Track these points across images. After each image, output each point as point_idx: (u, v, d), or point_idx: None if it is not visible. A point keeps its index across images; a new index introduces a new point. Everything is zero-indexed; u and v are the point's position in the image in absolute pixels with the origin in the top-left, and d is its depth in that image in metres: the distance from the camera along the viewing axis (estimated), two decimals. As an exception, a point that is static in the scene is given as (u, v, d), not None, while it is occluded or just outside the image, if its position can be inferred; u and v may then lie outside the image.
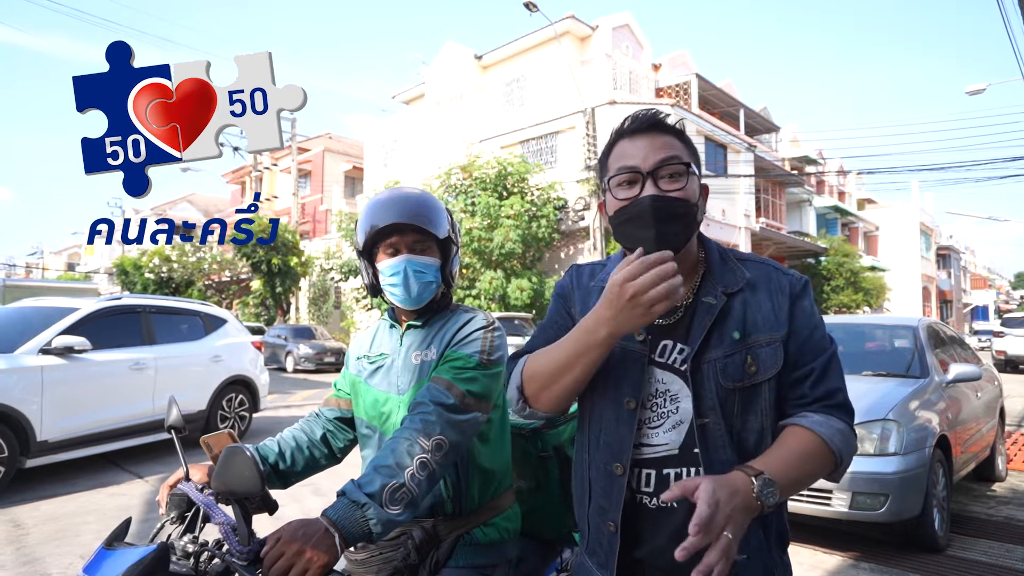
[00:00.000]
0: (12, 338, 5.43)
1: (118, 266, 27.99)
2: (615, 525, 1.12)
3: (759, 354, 1.09)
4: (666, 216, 1.08)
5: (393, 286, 1.47)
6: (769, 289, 1.14)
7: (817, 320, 1.14)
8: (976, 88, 16.01)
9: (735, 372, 1.09)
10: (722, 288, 1.13)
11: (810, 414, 1.08)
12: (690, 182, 1.11)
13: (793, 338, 1.11)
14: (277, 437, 1.57)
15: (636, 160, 1.11)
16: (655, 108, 1.18)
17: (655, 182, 1.10)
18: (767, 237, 22.73)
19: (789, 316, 1.12)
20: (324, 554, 1.04)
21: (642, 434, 1.13)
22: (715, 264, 1.17)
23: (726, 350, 1.09)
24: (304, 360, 17.46)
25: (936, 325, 5.46)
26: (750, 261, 1.19)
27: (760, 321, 1.11)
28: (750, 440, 1.09)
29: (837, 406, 1.10)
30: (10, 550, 3.88)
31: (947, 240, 46.15)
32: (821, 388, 1.10)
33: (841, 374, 1.13)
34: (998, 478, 5.57)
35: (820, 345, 1.12)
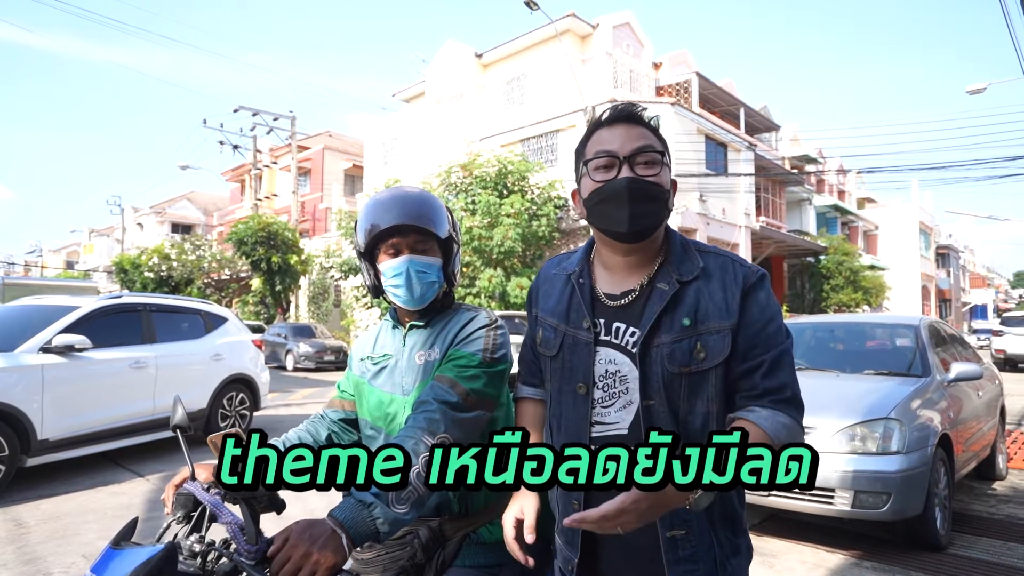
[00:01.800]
0: (13, 337, 5.42)
1: (117, 264, 27.98)
2: (579, 503, 1.20)
3: (708, 341, 1.13)
4: (641, 197, 1.13)
5: (396, 287, 1.46)
6: (723, 279, 1.17)
7: (772, 313, 1.16)
8: (976, 87, 16.00)
9: (682, 357, 1.13)
10: (677, 276, 1.18)
11: (758, 408, 1.11)
12: (663, 171, 1.17)
13: (744, 329, 1.14)
14: (282, 437, 1.56)
15: (614, 146, 1.17)
16: (632, 102, 1.24)
17: (631, 167, 1.15)
18: (767, 236, 22.71)
19: (741, 307, 1.14)
20: (332, 555, 1.03)
21: (596, 413, 1.19)
22: (675, 253, 1.21)
23: (675, 336, 1.13)
24: (304, 358, 17.46)
25: (937, 324, 5.46)
26: (710, 252, 1.22)
27: (711, 310, 1.14)
28: (696, 423, 1.14)
29: (786, 400, 1.12)
30: (11, 549, 3.88)
31: (946, 239, 46.17)
32: (771, 381, 1.12)
33: (792, 369, 1.16)
34: (999, 477, 5.58)
35: (774, 339, 1.15)
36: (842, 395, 4.18)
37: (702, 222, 19.03)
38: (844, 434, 3.76)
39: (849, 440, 3.75)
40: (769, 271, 25.96)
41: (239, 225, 21.88)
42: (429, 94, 25.23)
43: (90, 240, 50.71)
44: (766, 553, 3.86)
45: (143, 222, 43.32)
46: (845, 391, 4.28)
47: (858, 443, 3.74)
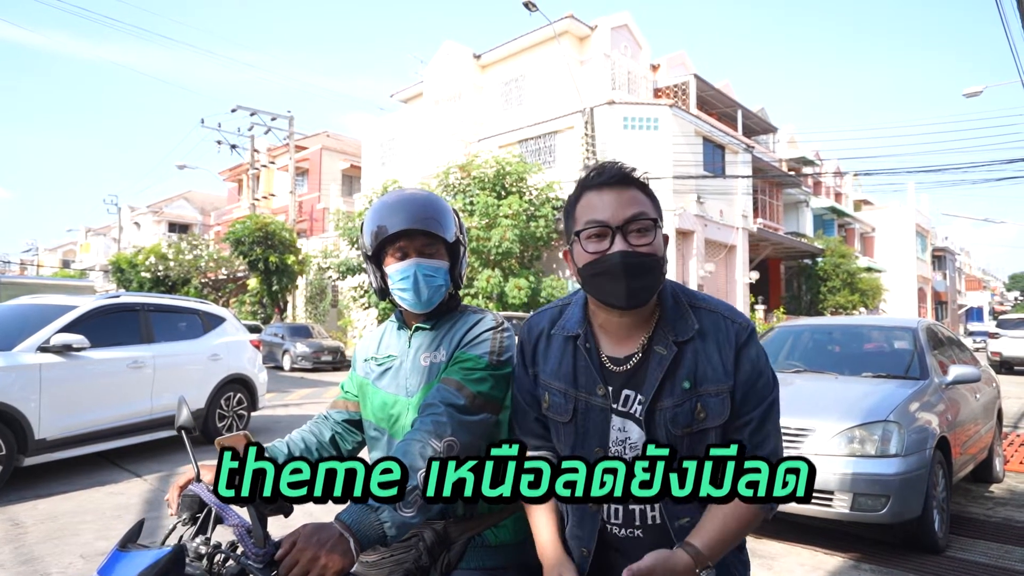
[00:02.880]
0: (10, 336, 5.40)
1: (114, 263, 27.91)
2: (588, 552, 1.25)
3: (708, 403, 1.17)
4: (636, 271, 1.14)
5: (403, 290, 1.46)
6: (718, 339, 1.20)
7: (762, 367, 1.20)
8: (973, 90, 16.07)
9: (684, 419, 1.17)
10: (673, 337, 1.20)
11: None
12: (657, 237, 1.17)
13: (738, 387, 1.18)
14: (286, 439, 1.56)
15: (605, 215, 1.16)
16: (620, 163, 1.21)
17: (624, 237, 1.15)
18: (764, 238, 22.76)
19: (735, 366, 1.18)
20: (340, 558, 1.03)
21: None
22: (668, 311, 1.23)
23: (676, 399, 1.17)
24: (301, 359, 17.43)
25: (935, 326, 5.47)
26: (701, 309, 1.24)
27: (709, 372, 1.18)
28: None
29: (766, 457, 1.17)
30: (9, 549, 3.86)
31: (943, 241, 46.34)
32: (757, 437, 1.17)
33: (777, 422, 1.20)
34: (996, 479, 5.60)
35: (761, 394, 1.19)
36: (840, 398, 4.19)
37: (699, 224, 19.05)
38: (843, 437, 3.77)
39: (848, 443, 3.76)
40: (766, 273, 25.94)
41: (236, 225, 21.84)
42: (427, 95, 25.23)
43: (87, 239, 50.58)
44: (765, 556, 3.87)
45: (140, 221, 43.22)
46: (843, 394, 4.29)
47: (857, 446, 3.75)
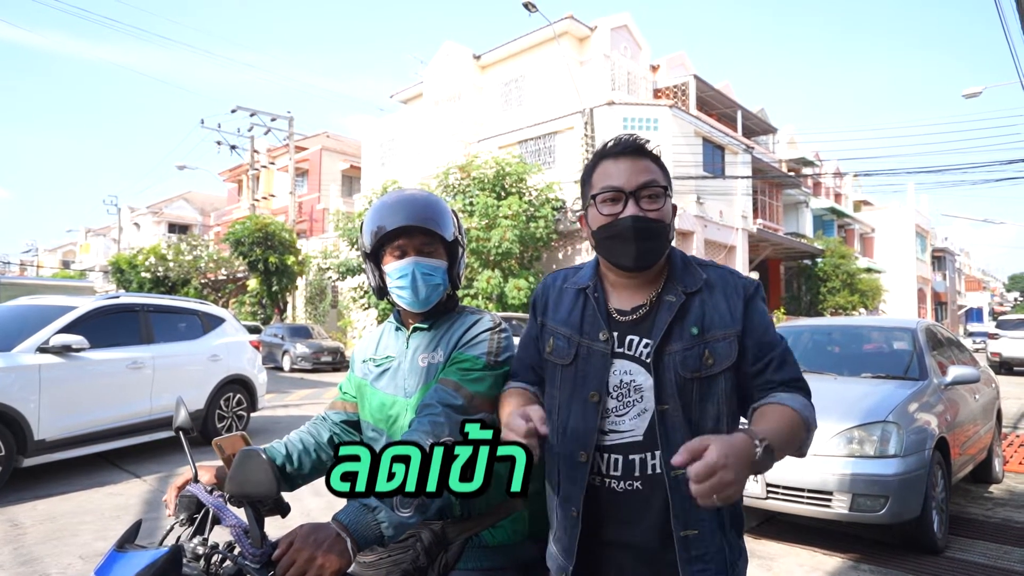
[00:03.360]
0: (10, 336, 5.40)
1: (113, 264, 27.91)
2: (577, 511, 1.24)
3: (716, 348, 1.22)
4: (645, 235, 1.22)
5: (401, 289, 1.46)
6: (725, 290, 1.26)
7: (768, 319, 1.28)
8: (972, 91, 16.08)
9: (693, 363, 1.21)
10: (682, 288, 1.26)
11: (779, 393, 1.21)
12: (666, 204, 1.25)
13: (750, 334, 1.24)
14: (284, 439, 1.56)
15: (620, 180, 1.24)
16: (635, 135, 1.30)
17: (636, 202, 1.22)
18: (764, 238, 22.77)
19: (744, 315, 1.24)
20: (337, 558, 1.03)
21: (609, 422, 1.24)
22: (677, 268, 1.30)
23: (685, 344, 1.22)
24: (301, 359, 17.43)
25: (934, 327, 5.48)
26: (709, 266, 1.32)
27: (717, 319, 1.23)
28: (707, 426, 1.21)
29: (797, 385, 1.24)
30: (8, 549, 3.86)
31: (942, 242, 46.34)
32: (783, 373, 1.23)
33: (795, 361, 1.27)
34: (995, 480, 5.60)
35: (774, 340, 1.26)
36: (840, 398, 4.19)
37: (699, 224, 19.06)
38: (842, 437, 3.77)
39: (847, 443, 3.76)
40: (766, 273, 25.92)
41: (236, 225, 21.85)
42: (427, 95, 25.23)
43: (86, 240, 50.58)
44: (764, 556, 3.87)
45: (140, 222, 43.21)
46: (843, 394, 4.29)
47: (856, 446, 3.75)
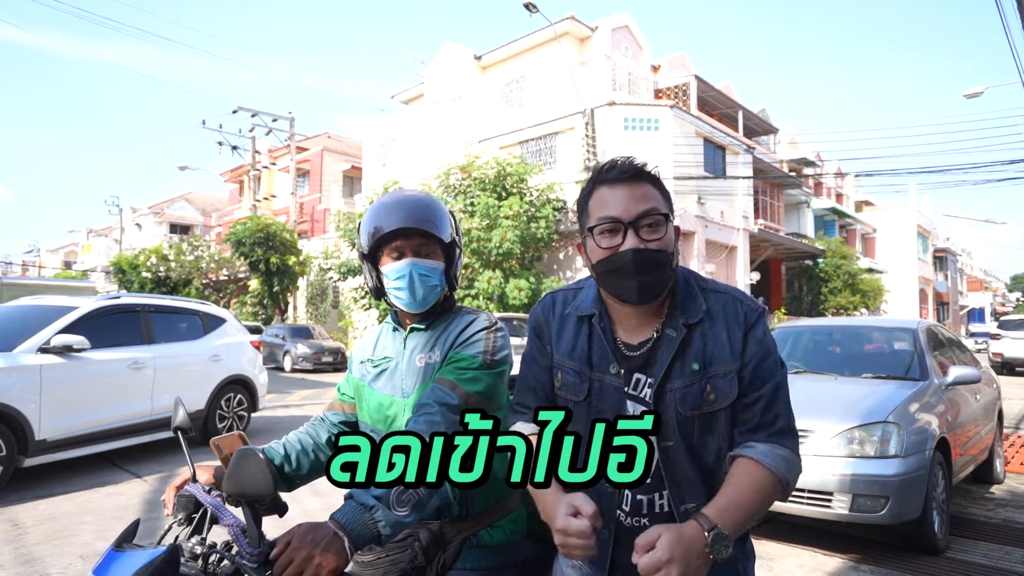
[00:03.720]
0: (11, 337, 5.41)
1: (115, 264, 27.95)
2: (609, 531, 1.23)
3: (717, 384, 1.18)
4: (647, 267, 1.16)
5: (398, 290, 1.46)
6: (726, 320, 1.22)
7: (769, 347, 1.22)
8: (974, 91, 16.06)
9: (694, 400, 1.18)
10: (683, 320, 1.22)
11: (756, 444, 1.16)
12: (668, 231, 1.19)
13: (746, 367, 1.19)
14: (283, 440, 1.57)
15: (617, 210, 1.18)
16: (632, 158, 1.23)
17: (636, 232, 1.17)
18: (765, 239, 22.75)
19: (743, 346, 1.20)
20: (335, 557, 1.03)
21: None
22: (680, 295, 1.25)
23: (686, 380, 1.19)
24: (302, 360, 17.44)
25: (935, 327, 5.47)
26: (711, 291, 1.26)
27: (718, 353, 1.19)
28: (709, 459, 1.20)
29: (780, 432, 1.18)
30: (9, 549, 3.87)
31: (944, 242, 46.28)
32: (769, 414, 1.18)
33: (788, 400, 1.21)
34: (996, 480, 5.59)
35: (770, 372, 1.20)
36: (840, 398, 4.18)
37: (700, 225, 19.05)
38: (842, 437, 3.77)
39: (847, 443, 3.75)
40: (767, 274, 25.91)
41: (237, 226, 21.88)
42: (428, 96, 25.25)
43: (88, 240, 50.65)
44: (764, 557, 3.87)
45: (141, 222, 43.27)
46: (843, 394, 4.29)
47: (856, 447, 3.74)
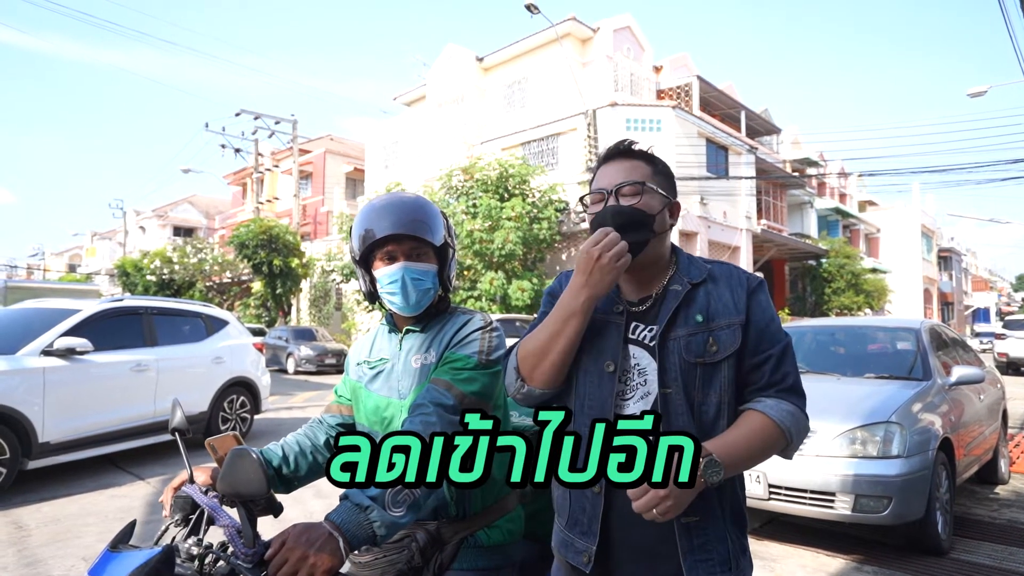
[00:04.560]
0: (14, 339, 5.43)
1: (119, 267, 28.06)
2: (600, 487, 1.23)
3: (719, 336, 1.24)
4: (621, 220, 1.25)
5: (391, 294, 1.47)
6: (729, 283, 1.30)
7: (772, 314, 1.30)
8: (978, 90, 16.00)
9: (697, 349, 1.23)
10: (688, 279, 1.30)
11: (764, 399, 1.24)
12: (648, 197, 1.29)
13: (752, 327, 1.26)
14: (281, 442, 1.57)
15: (603, 183, 1.32)
16: (628, 140, 1.36)
17: (617, 198, 1.29)
18: (768, 239, 22.70)
19: (747, 307, 1.27)
20: (329, 558, 1.03)
21: (616, 404, 1.25)
22: (683, 263, 1.34)
23: (690, 330, 1.24)
24: (305, 362, 17.45)
25: (938, 327, 5.44)
26: (714, 262, 1.37)
27: (721, 308, 1.26)
28: (710, 413, 1.23)
29: (788, 388, 1.25)
30: (12, 552, 3.88)
31: (948, 242, 46.10)
32: (778, 374, 1.25)
33: (795, 362, 1.29)
34: (1001, 481, 5.56)
35: (776, 336, 1.27)
36: (843, 399, 4.17)
37: (703, 225, 19.02)
38: (845, 438, 3.76)
39: (850, 444, 3.74)
40: (770, 274, 25.85)
41: (241, 228, 21.92)
42: (430, 97, 25.28)
43: (92, 243, 50.83)
44: (767, 557, 3.85)
45: (145, 225, 43.42)
46: (846, 394, 4.27)
47: (859, 447, 3.73)
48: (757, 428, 1.19)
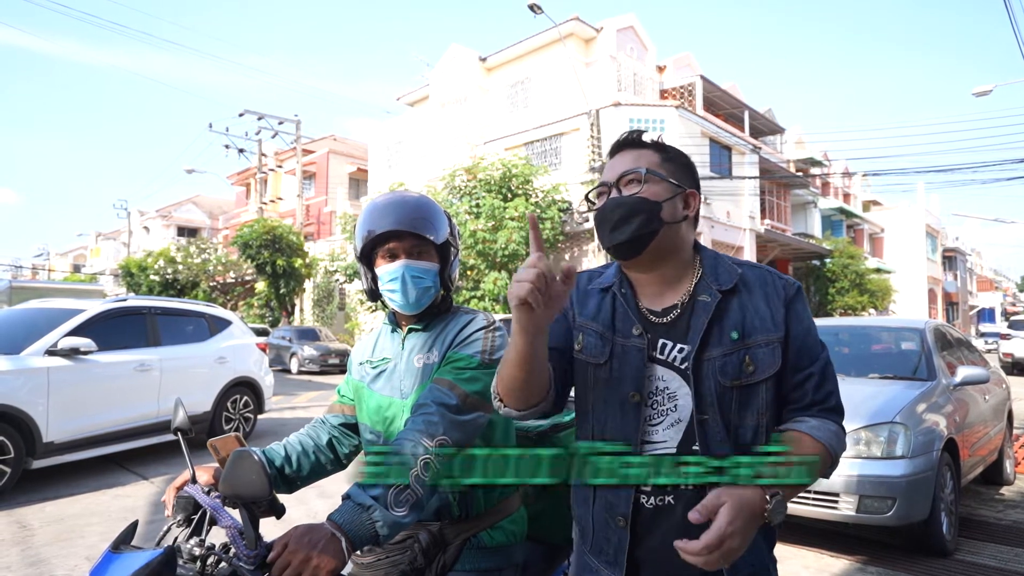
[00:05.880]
0: (18, 339, 5.45)
1: (123, 267, 28.14)
2: (625, 520, 1.15)
3: (757, 354, 1.13)
4: (620, 213, 1.17)
5: (392, 292, 1.47)
6: (765, 291, 1.18)
7: (809, 324, 1.19)
8: (983, 89, 15.94)
9: (733, 371, 1.12)
10: (716, 286, 1.18)
11: (807, 419, 1.14)
12: (650, 185, 1.18)
13: (791, 342, 1.16)
14: (284, 442, 1.57)
15: (607, 176, 1.24)
16: (637, 130, 1.28)
17: (619, 190, 1.21)
18: (772, 239, 22.65)
19: (785, 320, 1.16)
20: (332, 559, 1.03)
21: (642, 431, 1.15)
22: (708, 265, 1.22)
23: (725, 349, 1.13)
24: (308, 361, 17.48)
25: (943, 327, 5.42)
26: (746, 265, 1.24)
27: (758, 323, 1.15)
28: (747, 436, 1.13)
29: (831, 409, 1.17)
30: (16, 551, 3.89)
31: (953, 242, 45.92)
32: (822, 391, 1.16)
33: (835, 376, 1.20)
34: (1006, 482, 5.53)
35: (815, 349, 1.18)
36: (847, 399, 4.09)
37: (706, 225, 18.98)
38: (849, 438, 3.74)
39: (854, 444, 3.72)
40: (774, 274, 26.02)
41: (244, 228, 21.97)
42: (433, 98, 25.29)
43: (97, 243, 50.99)
44: (770, 558, 3.84)
45: (149, 225, 43.53)
46: (850, 395, 4.20)
47: (863, 447, 3.72)
48: (809, 453, 1.09)
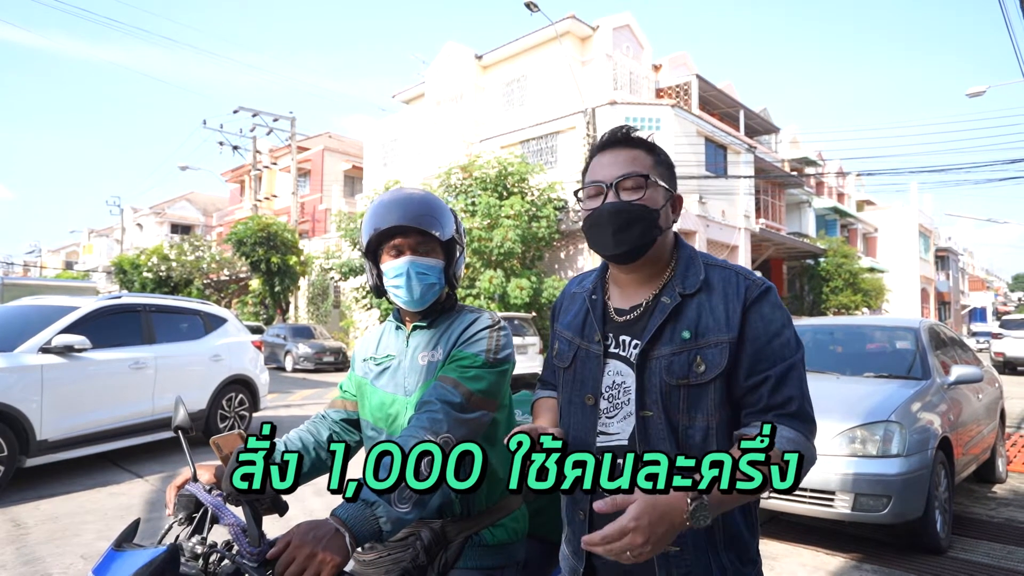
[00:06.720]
0: (12, 337, 5.41)
1: (116, 265, 27.97)
2: (584, 514, 1.23)
3: (707, 354, 1.13)
4: (622, 220, 1.17)
5: (396, 288, 1.47)
6: (725, 293, 1.16)
7: (778, 327, 1.14)
8: (976, 90, 16.02)
9: (680, 370, 1.13)
10: (680, 289, 1.19)
11: (768, 424, 1.09)
12: (651, 191, 1.18)
13: (748, 344, 1.13)
14: (284, 438, 1.56)
15: (602, 174, 1.20)
16: (627, 126, 1.25)
17: (617, 193, 1.18)
18: (766, 238, 22.73)
19: (741, 322, 1.13)
20: (335, 555, 1.03)
21: (600, 423, 1.22)
22: (681, 267, 1.23)
23: (675, 348, 1.15)
24: (303, 359, 17.44)
25: (937, 326, 5.46)
26: (716, 266, 1.22)
27: (711, 324, 1.14)
28: (696, 437, 1.13)
29: (791, 415, 1.10)
30: (10, 549, 3.87)
31: (946, 242, 46.21)
32: (777, 396, 1.10)
33: (802, 382, 1.13)
34: (998, 480, 5.58)
35: (780, 353, 1.12)
36: (842, 398, 4.17)
37: (701, 224, 19.03)
38: (844, 437, 3.76)
39: (849, 443, 3.75)
40: (768, 273, 25.87)
41: (238, 226, 21.88)
42: (429, 95, 25.25)
43: (89, 240, 50.70)
44: (766, 556, 3.86)
45: (142, 223, 43.30)
46: (845, 394, 4.28)
47: (858, 446, 3.74)
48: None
